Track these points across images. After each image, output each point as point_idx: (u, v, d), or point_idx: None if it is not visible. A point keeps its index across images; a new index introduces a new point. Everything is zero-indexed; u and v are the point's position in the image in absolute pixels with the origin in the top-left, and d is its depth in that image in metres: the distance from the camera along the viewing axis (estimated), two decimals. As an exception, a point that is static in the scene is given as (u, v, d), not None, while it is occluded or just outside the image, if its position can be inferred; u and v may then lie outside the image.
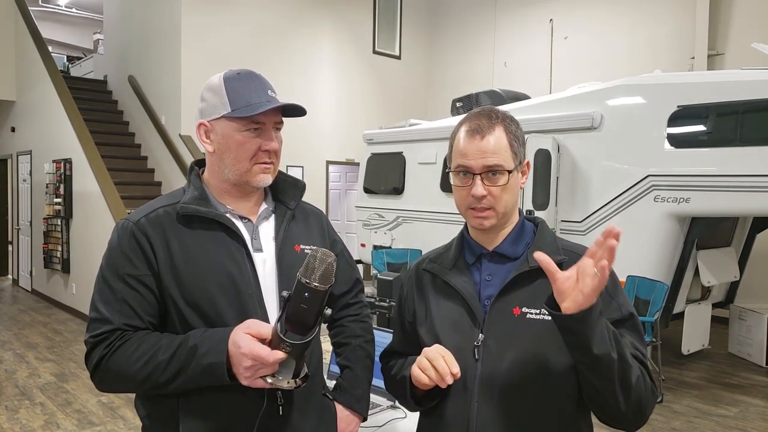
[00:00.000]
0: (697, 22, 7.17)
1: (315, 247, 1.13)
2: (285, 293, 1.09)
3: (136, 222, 1.24)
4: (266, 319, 1.24)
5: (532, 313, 1.16)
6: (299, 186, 1.41)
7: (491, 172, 1.17)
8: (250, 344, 1.09)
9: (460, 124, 1.24)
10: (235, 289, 1.22)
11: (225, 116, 1.25)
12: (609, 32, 8.20)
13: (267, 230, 1.33)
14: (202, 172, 1.36)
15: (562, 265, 1.15)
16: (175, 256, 1.22)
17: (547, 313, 1.11)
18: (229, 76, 1.28)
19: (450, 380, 1.10)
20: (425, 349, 1.16)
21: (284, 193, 1.39)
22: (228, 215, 1.28)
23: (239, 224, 1.29)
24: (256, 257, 1.27)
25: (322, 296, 1.08)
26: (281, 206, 1.37)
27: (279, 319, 1.11)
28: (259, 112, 1.22)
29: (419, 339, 1.28)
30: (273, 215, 1.36)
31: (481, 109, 1.25)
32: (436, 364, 1.11)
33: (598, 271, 0.97)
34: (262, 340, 1.11)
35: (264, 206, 1.36)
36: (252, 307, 1.23)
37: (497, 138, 1.18)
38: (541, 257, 1.02)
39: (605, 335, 1.02)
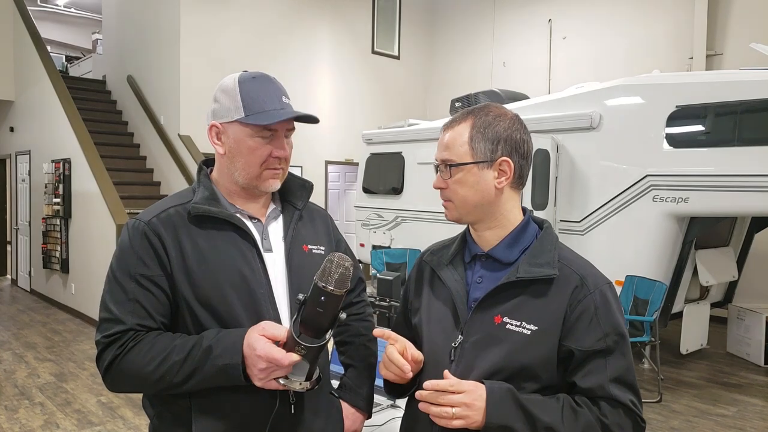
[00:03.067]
0: (696, 22, 7.18)
1: (325, 251, 1.13)
2: (301, 296, 1.10)
3: (147, 222, 1.23)
4: (278, 319, 1.24)
5: (512, 324, 1.13)
6: (307, 187, 1.41)
7: (445, 165, 1.21)
8: (266, 347, 1.10)
9: None
10: (248, 289, 1.23)
11: (238, 121, 1.24)
12: (607, 32, 8.21)
13: (276, 230, 1.34)
14: (210, 172, 1.35)
15: (553, 281, 1.14)
16: (188, 256, 1.21)
17: (527, 327, 1.12)
18: (243, 79, 1.26)
19: (409, 375, 1.17)
20: (387, 348, 1.20)
21: (292, 193, 1.39)
22: (238, 215, 1.28)
23: (249, 224, 1.29)
24: (267, 257, 1.28)
25: (338, 300, 1.08)
26: (289, 206, 1.38)
27: (294, 322, 1.11)
28: (274, 122, 1.23)
29: (412, 329, 1.31)
30: (281, 216, 1.36)
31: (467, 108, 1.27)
32: (393, 361, 1.17)
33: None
34: (276, 342, 1.12)
35: (272, 206, 1.36)
36: (264, 306, 1.24)
37: (456, 132, 1.20)
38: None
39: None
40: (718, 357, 5.55)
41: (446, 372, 1.11)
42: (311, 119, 1.28)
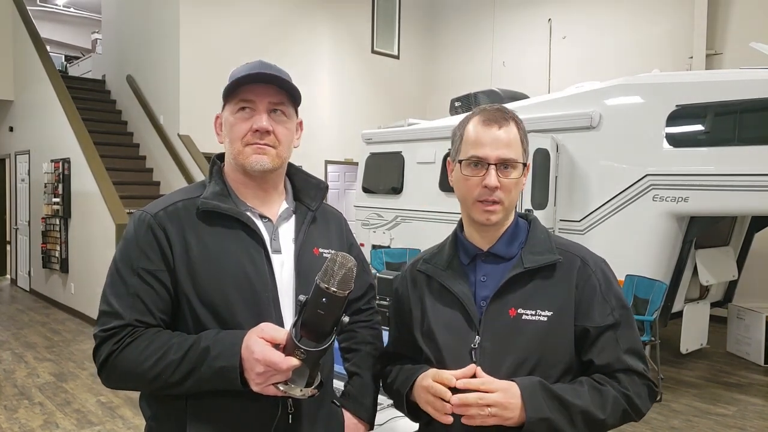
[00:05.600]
0: (696, 21, 7.18)
1: (335, 252, 1.08)
2: (302, 297, 1.05)
3: (154, 215, 1.20)
4: (281, 323, 1.20)
5: (527, 314, 1.16)
6: (321, 187, 1.36)
7: (505, 164, 1.17)
8: (264, 350, 1.05)
9: (472, 115, 1.23)
10: (251, 290, 1.19)
11: (225, 103, 1.25)
12: (607, 32, 8.20)
13: (287, 231, 1.29)
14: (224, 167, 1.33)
15: (557, 266, 1.18)
16: (192, 252, 1.18)
17: (542, 314, 1.14)
18: (238, 66, 1.27)
19: (449, 420, 1.11)
20: (429, 385, 1.14)
21: (306, 193, 1.35)
22: (248, 213, 1.24)
23: (259, 223, 1.25)
24: (275, 259, 1.23)
25: (341, 302, 1.04)
26: (302, 207, 1.33)
27: (294, 324, 1.06)
28: (235, 81, 1.19)
29: (416, 341, 1.27)
30: (293, 216, 1.32)
31: (492, 104, 1.25)
32: (434, 406, 1.13)
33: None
34: (276, 346, 1.07)
35: (285, 206, 1.32)
36: (267, 309, 1.19)
37: (512, 131, 1.19)
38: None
39: (558, 426, 1.08)
40: (718, 356, 5.54)
41: (478, 369, 1.10)
42: (292, 89, 1.24)
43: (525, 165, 1.21)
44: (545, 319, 1.15)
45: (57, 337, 6.11)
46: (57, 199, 7.25)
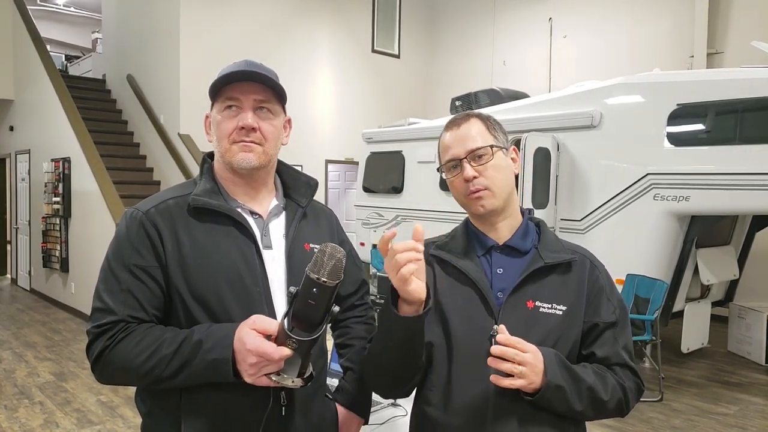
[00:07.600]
0: (696, 20, 7.17)
1: (324, 243, 1.09)
2: (293, 288, 1.07)
3: (145, 212, 1.22)
4: (273, 317, 1.19)
5: (544, 307, 1.22)
6: (312, 184, 1.38)
7: (476, 155, 1.23)
8: (256, 340, 1.06)
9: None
10: (242, 286, 1.20)
11: (212, 101, 1.27)
12: (608, 31, 8.20)
13: (277, 227, 1.31)
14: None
15: (572, 264, 1.26)
16: (184, 248, 1.19)
17: (558, 308, 1.22)
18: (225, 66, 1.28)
19: (421, 246, 1.11)
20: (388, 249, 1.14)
21: (296, 190, 1.37)
22: (239, 210, 1.26)
23: (250, 220, 1.26)
24: (266, 254, 1.25)
25: (331, 292, 1.06)
26: (292, 203, 1.35)
27: (286, 315, 1.08)
28: (220, 79, 1.21)
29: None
30: (284, 212, 1.33)
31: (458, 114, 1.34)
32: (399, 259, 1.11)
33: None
34: (268, 337, 1.08)
35: (275, 203, 1.34)
36: (259, 304, 1.21)
37: (474, 124, 1.27)
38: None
39: (569, 397, 1.14)
40: (719, 356, 5.54)
41: (503, 327, 1.13)
42: (277, 88, 1.25)
43: (500, 148, 1.26)
44: (560, 313, 1.21)
45: (57, 336, 6.11)
46: (57, 199, 7.24)
